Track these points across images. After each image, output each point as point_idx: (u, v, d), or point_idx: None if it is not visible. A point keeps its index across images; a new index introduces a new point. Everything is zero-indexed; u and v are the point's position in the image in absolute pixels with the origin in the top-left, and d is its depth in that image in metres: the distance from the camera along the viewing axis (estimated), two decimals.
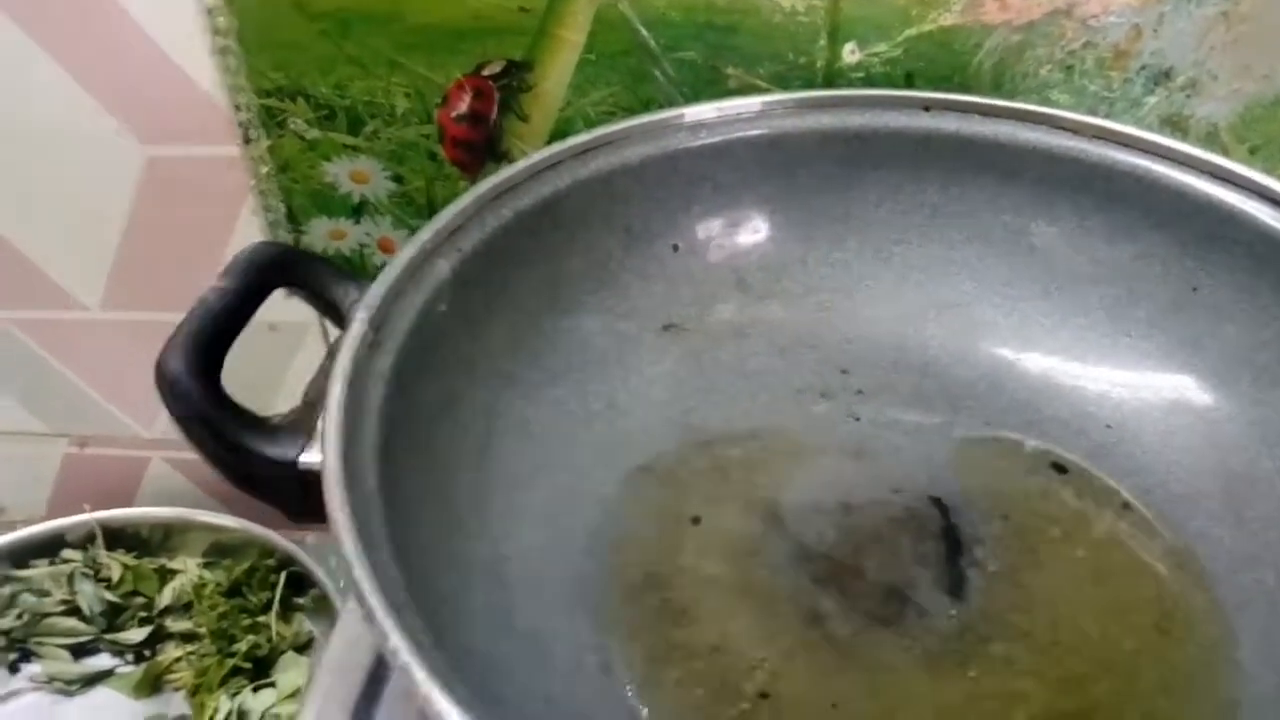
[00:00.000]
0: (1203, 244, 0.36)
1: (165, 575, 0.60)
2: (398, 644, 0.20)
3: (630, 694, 0.30)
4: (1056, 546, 0.33)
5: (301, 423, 0.29)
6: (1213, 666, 0.31)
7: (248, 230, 0.51)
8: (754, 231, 0.41)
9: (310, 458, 0.27)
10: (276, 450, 0.28)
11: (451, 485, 0.31)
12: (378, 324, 0.29)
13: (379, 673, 0.32)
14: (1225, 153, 0.42)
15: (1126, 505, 0.35)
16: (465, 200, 0.34)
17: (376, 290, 0.30)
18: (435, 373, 0.31)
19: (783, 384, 0.39)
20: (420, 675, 0.20)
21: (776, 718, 0.29)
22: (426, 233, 0.32)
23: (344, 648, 0.32)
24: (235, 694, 0.54)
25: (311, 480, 0.26)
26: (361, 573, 0.22)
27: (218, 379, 0.29)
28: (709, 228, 0.41)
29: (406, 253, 0.31)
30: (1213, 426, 0.35)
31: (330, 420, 0.26)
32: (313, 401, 0.29)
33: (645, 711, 0.29)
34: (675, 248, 0.40)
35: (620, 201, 0.38)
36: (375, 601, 0.21)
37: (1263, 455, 0.34)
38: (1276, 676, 0.30)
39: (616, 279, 0.39)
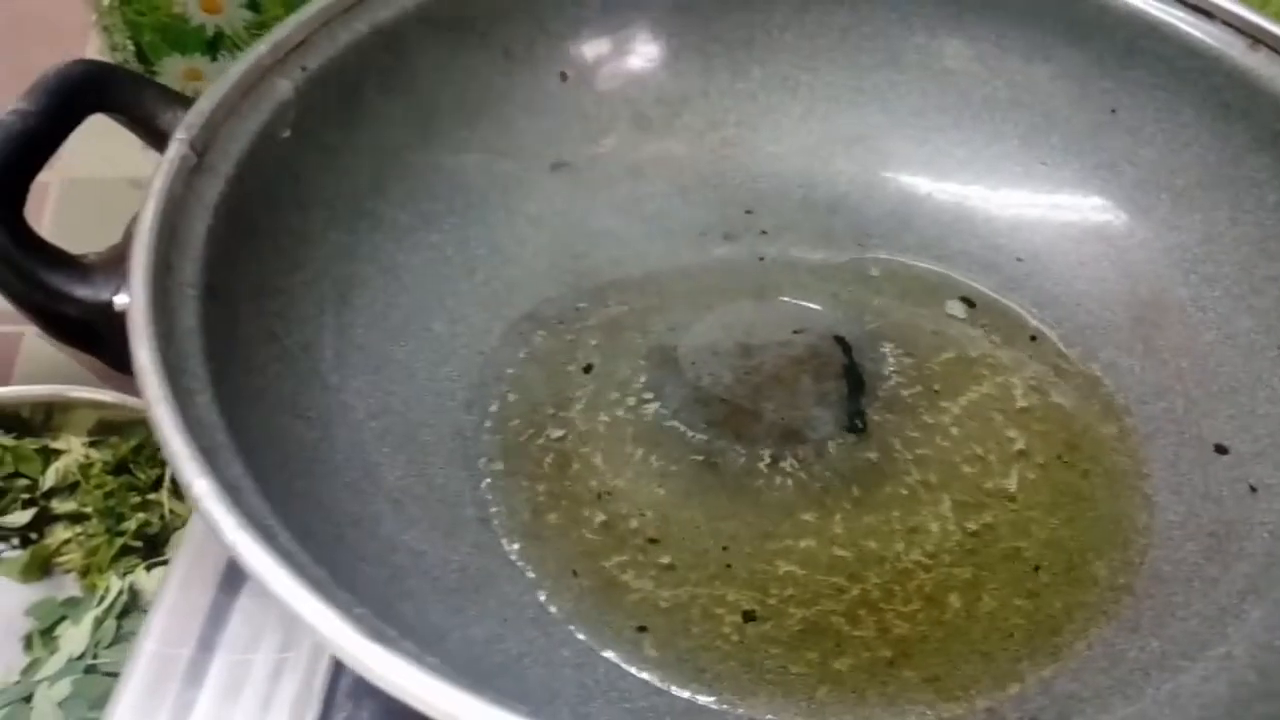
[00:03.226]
0: (1122, 61, 0.34)
1: (49, 456, 0.57)
2: (201, 489, 0.18)
3: (510, 545, 0.28)
4: (960, 381, 0.32)
5: (121, 261, 0.25)
6: (1120, 497, 0.30)
7: None
8: (649, 59, 0.38)
9: (127, 299, 0.24)
10: (88, 291, 0.24)
11: (305, 332, 0.28)
12: (201, 147, 0.26)
13: None
14: None
15: (1034, 338, 0.33)
16: (310, 10, 0.29)
17: (201, 108, 0.26)
18: (278, 207, 0.28)
19: (683, 225, 0.37)
20: (225, 520, 0.17)
21: (664, 562, 0.28)
22: (263, 46, 0.28)
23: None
24: (127, 573, 0.52)
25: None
26: (163, 411, 0.19)
27: (19, 211, 0.25)
28: (600, 54, 0.37)
29: (238, 68, 0.28)
30: (1126, 254, 0.34)
31: (139, 249, 0.23)
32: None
33: (523, 562, 0.28)
34: (563, 76, 0.37)
35: (498, 20, 0.34)
36: (178, 442, 0.18)
37: (1176, 283, 0.33)
38: (1184, 506, 0.30)
39: (498, 111, 0.36)
